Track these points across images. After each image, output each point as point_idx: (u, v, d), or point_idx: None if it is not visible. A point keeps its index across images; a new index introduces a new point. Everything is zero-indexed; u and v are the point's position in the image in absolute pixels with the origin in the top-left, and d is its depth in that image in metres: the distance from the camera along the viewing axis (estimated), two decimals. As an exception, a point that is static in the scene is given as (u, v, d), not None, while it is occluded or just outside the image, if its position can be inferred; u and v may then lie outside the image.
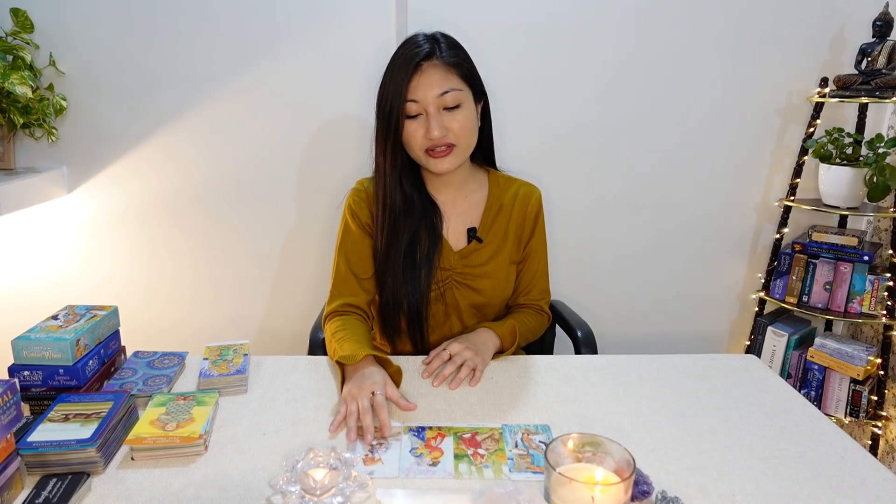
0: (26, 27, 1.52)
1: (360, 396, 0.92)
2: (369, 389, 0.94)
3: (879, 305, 1.67)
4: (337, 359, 1.04)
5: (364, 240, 1.22)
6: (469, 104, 1.14)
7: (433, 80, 1.09)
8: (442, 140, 1.11)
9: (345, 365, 1.03)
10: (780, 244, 1.80)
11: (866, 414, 1.70)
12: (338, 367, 1.04)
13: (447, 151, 1.12)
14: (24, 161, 1.66)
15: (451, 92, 1.10)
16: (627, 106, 1.72)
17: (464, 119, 1.12)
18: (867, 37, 1.64)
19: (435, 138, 1.10)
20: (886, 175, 1.53)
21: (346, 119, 1.68)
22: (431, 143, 1.11)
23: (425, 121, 1.10)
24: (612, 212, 1.81)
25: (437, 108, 1.10)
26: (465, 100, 1.13)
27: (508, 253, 1.25)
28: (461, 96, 1.12)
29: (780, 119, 1.76)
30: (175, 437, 0.83)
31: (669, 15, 1.66)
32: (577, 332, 1.30)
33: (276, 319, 1.85)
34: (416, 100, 1.09)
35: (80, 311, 1.03)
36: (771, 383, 1.07)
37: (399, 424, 0.92)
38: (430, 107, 1.09)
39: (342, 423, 0.91)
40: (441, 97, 1.09)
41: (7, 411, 0.76)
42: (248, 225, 1.76)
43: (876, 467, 0.83)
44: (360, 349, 1.03)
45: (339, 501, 0.71)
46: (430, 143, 1.11)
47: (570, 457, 0.74)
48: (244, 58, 1.62)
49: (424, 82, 1.09)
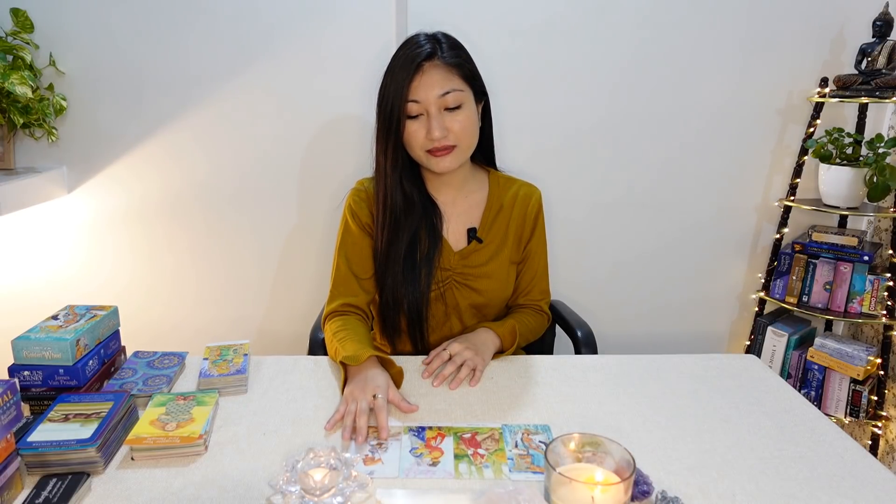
0: (26, 27, 1.52)
1: (361, 398, 0.93)
2: (371, 392, 0.94)
3: (879, 305, 1.67)
4: (340, 359, 1.03)
5: (364, 240, 1.22)
6: (470, 105, 1.14)
7: (434, 81, 1.09)
8: (443, 141, 1.11)
9: (347, 366, 1.03)
10: (780, 244, 1.80)
11: (866, 414, 1.70)
12: (340, 368, 1.04)
13: (448, 151, 1.13)
14: (24, 161, 1.66)
15: (452, 93, 1.10)
16: (627, 106, 1.72)
17: (465, 120, 1.12)
18: (867, 37, 1.64)
19: (436, 139, 1.10)
20: (886, 175, 1.53)
21: (346, 119, 1.68)
22: (432, 143, 1.11)
23: (426, 121, 1.10)
24: (613, 212, 1.81)
25: (438, 109, 1.10)
26: (466, 100, 1.13)
27: (508, 253, 1.25)
28: (462, 97, 1.12)
29: (780, 119, 1.76)
30: (175, 437, 0.83)
31: (669, 16, 1.66)
32: (577, 332, 1.30)
33: (276, 319, 1.85)
34: (417, 100, 1.09)
35: (80, 311, 1.03)
36: (771, 383, 1.07)
37: (399, 424, 0.92)
38: (431, 107, 1.10)
39: (339, 421, 0.91)
40: (442, 97, 1.09)
41: (7, 411, 0.76)
42: (248, 225, 1.76)
43: (876, 467, 0.83)
44: (364, 350, 1.03)
45: (339, 501, 0.71)
46: (430, 143, 1.11)
47: (570, 457, 0.74)
48: (244, 58, 1.63)
49: (426, 83, 1.09)
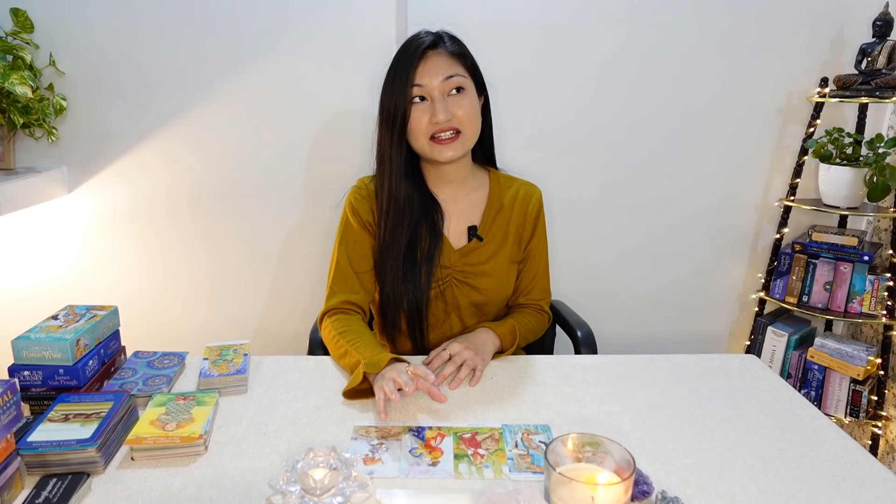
0: (26, 27, 1.52)
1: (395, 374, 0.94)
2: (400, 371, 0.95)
3: (879, 305, 1.67)
4: (364, 365, 0.99)
5: (364, 238, 1.22)
6: (473, 92, 1.16)
7: (438, 66, 1.12)
8: (447, 124, 1.12)
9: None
10: (780, 244, 1.80)
11: (866, 414, 1.70)
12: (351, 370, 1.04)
13: (453, 138, 1.13)
14: (24, 161, 1.66)
15: (455, 77, 1.12)
16: (627, 106, 1.72)
17: (469, 105, 1.14)
18: (867, 37, 1.64)
19: (440, 122, 1.11)
20: (886, 175, 1.53)
21: (346, 119, 1.68)
22: (437, 127, 1.12)
23: (430, 106, 1.12)
24: (613, 212, 1.81)
25: (441, 94, 1.12)
26: (469, 86, 1.15)
27: (509, 252, 1.25)
28: (465, 82, 1.14)
29: (780, 119, 1.76)
30: (175, 437, 0.83)
31: (669, 14, 1.66)
32: (577, 332, 1.30)
33: (276, 319, 1.85)
34: (421, 84, 1.11)
35: (80, 311, 1.03)
36: (771, 383, 1.07)
37: (399, 424, 0.92)
38: (434, 91, 1.11)
39: (386, 401, 0.92)
40: (446, 81, 1.11)
41: (7, 411, 0.76)
42: (247, 225, 1.76)
43: (876, 467, 0.83)
44: (382, 353, 1.02)
45: (339, 501, 0.71)
46: (435, 128, 1.12)
47: (570, 457, 0.74)
48: (244, 57, 1.63)
49: (429, 68, 1.11)
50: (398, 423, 0.92)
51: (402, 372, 0.95)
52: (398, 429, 0.91)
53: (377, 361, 0.99)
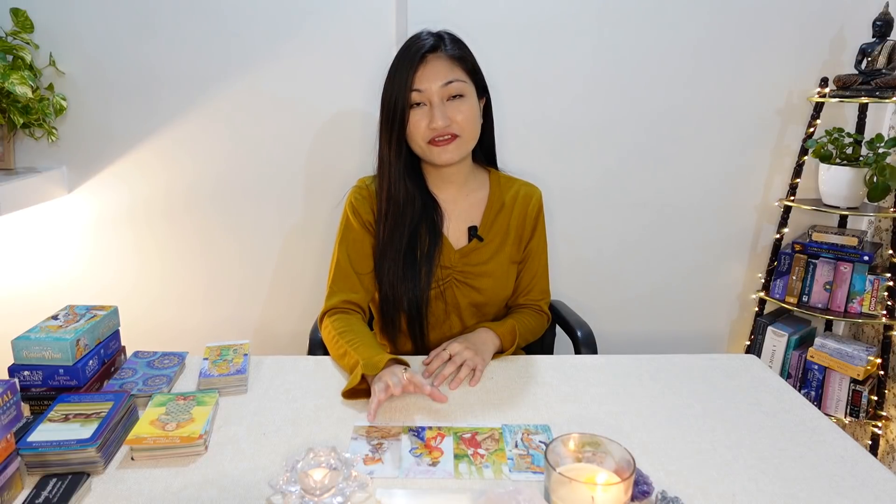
0: (26, 27, 1.52)
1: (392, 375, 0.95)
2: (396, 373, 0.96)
3: (879, 305, 1.67)
4: (362, 366, 0.99)
5: (365, 237, 1.22)
6: (472, 97, 1.15)
7: (437, 71, 1.11)
8: (445, 130, 1.12)
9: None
10: (780, 244, 1.80)
11: (866, 414, 1.70)
12: (350, 371, 1.04)
13: (450, 140, 1.13)
14: (24, 161, 1.66)
15: (455, 82, 1.11)
16: (627, 107, 1.72)
17: (468, 110, 1.13)
18: (867, 37, 1.64)
19: (438, 128, 1.11)
20: (886, 175, 1.53)
21: (346, 119, 1.68)
22: (435, 132, 1.12)
23: (429, 111, 1.12)
24: (613, 211, 1.81)
25: (440, 99, 1.11)
26: (469, 92, 1.14)
27: (509, 252, 1.25)
28: (465, 87, 1.13)
29: (780, 119, 1.76)
30: (175, 437, 0.83)
31: (670, 14, 1.66)
32: (577, 332, 1.30)
33: (275, 319, 1.85)
34: (420, 89, 1.11)
35: (80, 311, 1.03)
36: (771, 383, 1.07)
37: (399, 424, 0.92)
38: (433, 97, 1.11)
39: (380, 404, 0.93)
40: (445, 87, 1.11)
41: (7, 411, 0.76)
42: (247, 225, 1.76)
43: (876, 467, 0.83)
44: (381, 354, 1.03)
45: (339, 501, 0.71)
46: (433, 133, 1.12)
47: (570, 457, 0.74)
48: (244, 57, 1.63)
49: (429, 73, 1.11)
50: (398, 423, 0.93)
51: (397, 375, 0.96)
52: (398, 429, 0.91)
53: (375, 363, 0.99)
